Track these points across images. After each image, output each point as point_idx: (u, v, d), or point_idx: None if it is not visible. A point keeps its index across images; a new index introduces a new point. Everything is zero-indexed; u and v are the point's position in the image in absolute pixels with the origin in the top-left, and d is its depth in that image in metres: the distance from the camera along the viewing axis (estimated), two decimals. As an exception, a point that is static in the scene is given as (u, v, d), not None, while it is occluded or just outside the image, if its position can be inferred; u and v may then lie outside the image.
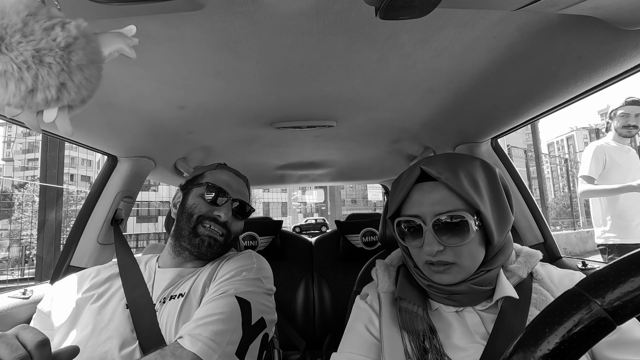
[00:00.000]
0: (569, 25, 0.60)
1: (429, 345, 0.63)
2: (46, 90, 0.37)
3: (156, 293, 0.82)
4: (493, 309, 0.67)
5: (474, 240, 0.64)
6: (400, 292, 0.72)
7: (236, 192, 0.93)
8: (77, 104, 0.41)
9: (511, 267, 0.69)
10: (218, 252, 0.90)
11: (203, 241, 0.86)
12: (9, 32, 0.35)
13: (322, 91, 0.90)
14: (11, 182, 10.24)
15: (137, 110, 0.95)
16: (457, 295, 0.67)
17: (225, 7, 0.54)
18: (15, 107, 0.38)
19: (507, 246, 0.70)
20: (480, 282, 0.66)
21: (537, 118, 0.99)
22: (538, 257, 0.71)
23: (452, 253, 0.64)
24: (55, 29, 0.37)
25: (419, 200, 0.66)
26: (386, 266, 0.82)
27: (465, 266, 0.65)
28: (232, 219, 0.91)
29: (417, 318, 0.66)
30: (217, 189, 0.90)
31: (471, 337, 0.65)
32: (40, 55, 0.36)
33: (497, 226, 0.65)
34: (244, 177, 1.02)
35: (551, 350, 0.26)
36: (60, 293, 0.85)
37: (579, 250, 9.69)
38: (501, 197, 0.67)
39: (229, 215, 0.89)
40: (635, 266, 0.26)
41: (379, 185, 2.71)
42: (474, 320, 0.66)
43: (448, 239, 0.63)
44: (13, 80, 0.36)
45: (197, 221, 0.88)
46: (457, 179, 0.64)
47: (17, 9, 0.35)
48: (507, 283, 0.66)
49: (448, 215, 0.63)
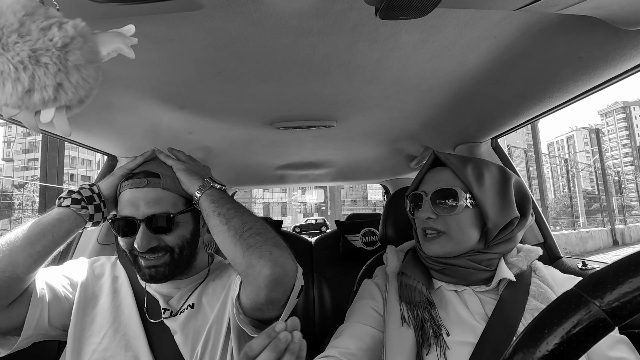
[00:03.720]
0: (569, 25, 0.60)
1: (427, 316, 0.69)
2: (43, 90, 0.37)
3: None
4: (492, 294, 0.73)
5: (464, 216, 0.73)
6: (403, 267, 0.81)
7: (146, 206, 0.75)
8: (75, 104, 0.41)
9: (512, 259, 0.76)
10: (173, 273, 0.78)
11: (145, 275, 0.77)
12: (6, 32, 0.35)
13: (322, 91, 0.90)
14: (11, 182, 10.24)
15: (137, 110, 0.95)
16: (453, 268, 0.74)
17: (225, 7, 0.54)
18: (12, 108, 0.38)
19: (511, 240, 0.76)
20: (476, 259, 0.73)
21: (537, 118, 0.99)
22: (537, 252, 0.78)
23: (443, 222, 0.74)
24: (52, 29, 0.37)
25: (429, 180, 0.79)
26: (396, 251, 0.90)
27: (452, 236, 0.73)
28: (157, 239, 0.76)
29: (415, 291, 0.74)
30: (119, 222, 0.77)
31: (470, 316, 0.70)
32: (36, 56, 0.36)
33: (494, 212, 0.72)
34: (159, 175, 0.80)
35: (550, 351, 0.26)
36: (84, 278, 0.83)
37: (579, 250, 9.69)
38: (508, 194, 0.75)
39: (146, 241, 0.73)
40: (634, 267, 0.26)
41: (379, 185, 2.71)
42: (473, 302, 0.72)
43: (440, 209, 0.74)
44: (10, 81, 0.36)
45: (132, 257, 0.78)
46: (462, 167, 0.75)
47: (14, 9, 0.35)
48: (507, 268, 0.73)
49: (443, 189, 0.74)
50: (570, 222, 11.57)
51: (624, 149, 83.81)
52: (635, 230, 13.50)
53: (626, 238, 12.52)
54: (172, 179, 0.81)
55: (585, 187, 24.16)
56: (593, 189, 21.24)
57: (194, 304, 0.80)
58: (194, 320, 0.78)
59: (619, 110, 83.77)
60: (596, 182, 14.37)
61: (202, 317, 0.79)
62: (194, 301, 0.81)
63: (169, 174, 0.82)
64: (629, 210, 20.33)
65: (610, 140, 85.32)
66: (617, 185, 16.34)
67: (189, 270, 0.85)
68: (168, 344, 0.75)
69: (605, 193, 12.29)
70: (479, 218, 0.73)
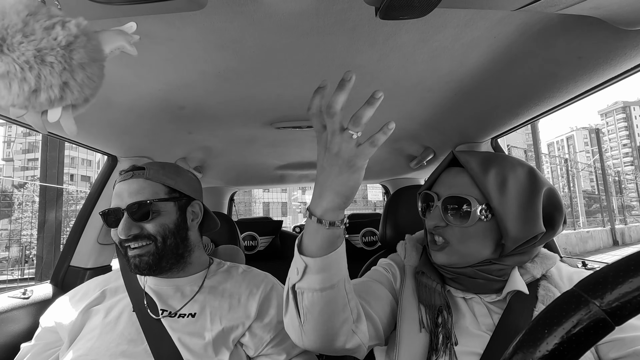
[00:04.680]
0: (569, 25, 0.60)
1: (441, 320, 0.66)
2: (49, 89, 0.37)
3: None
4: (501, 304, 0.69)
5: (476, 229, 0.66)
6: (421, 266, 0.76)
7: (129, 196, 0.79)
8: (81, 103, 0.41)
9: (526, 265, 0.70)
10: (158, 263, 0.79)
11: (131, 265, 0.78)
12: (10, 32, 0.35)
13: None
14: (11, 182, 10.25)
15: (137, 110, 0.95)
16: (463, 277, 0.70)
17: (225, 7, 0.54)
18: (19, 108, 0.38)
19: (528, 254, 0.69)
20: (486, 270, 0.68)
21: (537, 118, 0.99)
22: (555, 260, 0.71)
23: (451, 233, 0.68)
24: (55, 28, 0.37)
25: (443, 181, 0.72)
26: (415, 242, 0.84)
27: (457, 249, 0.67)
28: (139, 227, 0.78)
29: (435, 293, 0.70)
30: (106, 212, 0.80)
31: (477, 326, 0.67)
32: (41, 55, 0.36)
33: (515, 227, 0.64)
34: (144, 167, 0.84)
35: (550, 351, 0.26)
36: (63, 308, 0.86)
37: (579, 250, 9.69)
38: (534, 206, 0.65)
39: (127, 228, 0.76)
40: (634, 267, 0.26)
41: (379, 185, 2.71)
42: (481, 311, 0.69)
43: (451, 218, 0.67)
44: (16, 81, 0.36)
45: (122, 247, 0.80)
46: (483, 171, 0.66)
47: (17, 9, 0.35)
48: (520, 279, 0.67)
49: (456, 197, 0.67)
50: (570, 222, 11.57)
51: (624, 149, 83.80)
52: (635, 230, 13.50)
53: (626, 238, 12.52)
54: (157, 171, 0.83)
55: (585, 187, 24.15)
56: (593, 189, 21.24)
57: (195, 314, 0.79)
58: (193, 327, 0.77)
59: (619, 110, 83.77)
60: (596, 182, 14.37)
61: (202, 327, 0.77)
62: (197, 310, 0.79)
63: (155, 167, 0.84)
64: (629, 210, 20.33)
65: (610, 140, 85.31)
66: (617, 185, 16.34)
67: (182, 265, 0.84)
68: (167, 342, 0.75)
69: (605, 193, 12.29)
70: (496, 231, 0.66)
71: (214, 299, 0.82)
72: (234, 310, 0.80)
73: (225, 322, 0.77)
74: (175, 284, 0.84)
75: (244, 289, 0.84)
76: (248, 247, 1.86)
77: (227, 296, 0.82)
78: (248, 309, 0.80)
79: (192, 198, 0.89)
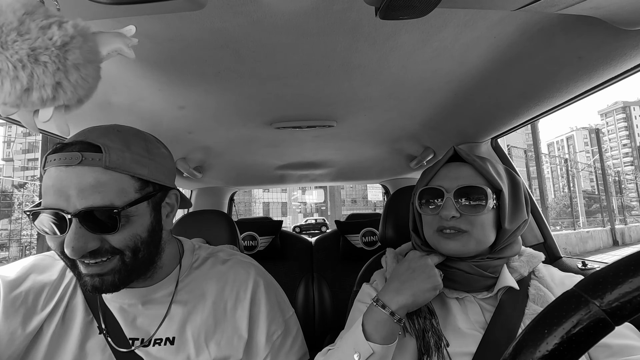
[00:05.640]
0: (569, 25, 0.60)
1: (429, 325, 0.68)
2: (42, 89, 0.37)
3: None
4: (492, 300, 0.71)
5: (487, 218, 0.69)
6: None
7: (79, 196, 0.51)
8: (74, 104, 0.41)
9: (514, 264, 0.74)
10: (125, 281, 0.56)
11: (86, 284, 0.54)
12: (5, 30, 0.35)
13: (322, 91, 0.90)
14: (11, 182, 10.24)
15: (137, 110, 0.95)
16: (460, 273, 0.71)
17: (225, 7, 0.54)
18: (11, 106, 0.38)
19: (516, 243, 0.75)
20: (482, 266, 0.70)
21: (537, 118, 0.99)
22: (540, 258, 0.77)
23: (467, 221, 0.69)
24: (51, 27, 0.37)
25: (445, 175, 0.73)
26: (395, 254, 0.87)
27: (476, 237, 0.69)
28: (98, 240, 0.53)
29: None
30: (41, 216, 0.52)
31: (470, 325, 0.69)
32: (35, 54, 0.36)
33: (510, 214, 0.70)
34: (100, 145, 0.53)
35: (550, 351, 0.26)
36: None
37: (579, 250, 9.69)
38: (519, 194, 0.74)
39: (81, 243, 0.50)
40: (634, 267, 0.26)
41: (379, 185, 2.71)
42: (474, 309, 0.71)
43: (465, 208, 0.68)
44: (8, 79, 0.36)
45: (69, 261, 0.55)
46: (484, 164, 0.72)
47: (14, 8, 0.35)
48: (509, 275, 0.71)
49: (472, 186, 0.69)
50: (570, 222, 11.57)
51: (624, 149, 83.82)
52: (635, 230, 13.50)
53: (626, 238, 12.52)
54: (120, 153, 0.54)
55: (585, 187, 24.16)
56: (593, 189, 21.24)
57: (174, 338, 0.62)
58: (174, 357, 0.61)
59: (619, 110, 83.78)
60: (596, 182, 14.37)
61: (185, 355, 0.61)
62: (175, 332, 0.62)
63: (117, 146, 0.54)
64: (629, 210, 20.33)
65: (610, 140, 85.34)
66: (617, 185, 16.34)
67: (152, 271, 0.62)
68: None
69: (605, 193, 12.29)
70: (496, 220, 0.71)
71: (193, 311, 0.64)
72: (220, 326, 0.64)
73: (214, 349, 0.62)
74: (142, 295, 0.64)
75: (229, 292, 0.68)
76: (248, 247, 1.86)
77: (210, 304, 0.66)
78: (237, 323, 0.66)
79: (169, 187, 0.63)
